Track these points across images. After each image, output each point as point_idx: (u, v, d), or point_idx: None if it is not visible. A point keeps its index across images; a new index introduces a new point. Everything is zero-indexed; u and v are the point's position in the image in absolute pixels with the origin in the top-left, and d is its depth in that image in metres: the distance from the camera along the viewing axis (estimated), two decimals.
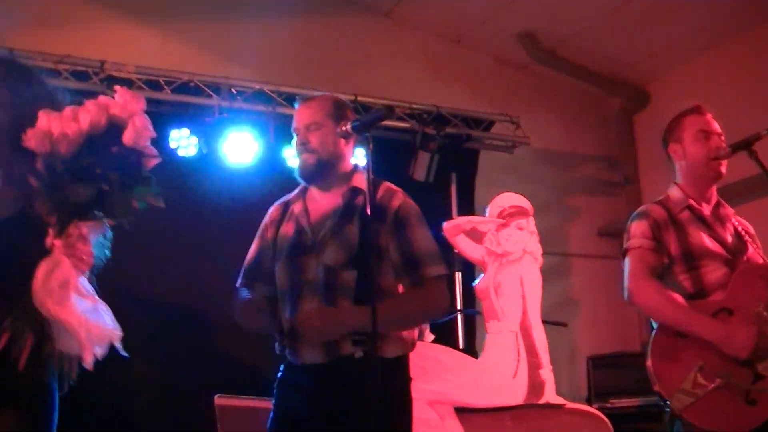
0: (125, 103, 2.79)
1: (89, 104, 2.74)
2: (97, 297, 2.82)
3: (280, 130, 7.49)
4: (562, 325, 7.05)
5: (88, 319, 2.71)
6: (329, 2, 8.69)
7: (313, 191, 3.85)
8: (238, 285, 3.94)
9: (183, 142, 7.33)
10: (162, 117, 7.39)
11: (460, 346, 7.82)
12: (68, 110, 2.73)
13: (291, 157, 7.43)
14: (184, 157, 7.35)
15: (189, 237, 7.41)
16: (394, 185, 3.82)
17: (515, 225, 6.27)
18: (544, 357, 6.20)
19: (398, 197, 3.72)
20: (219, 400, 5.48)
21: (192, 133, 7.35)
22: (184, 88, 7.52)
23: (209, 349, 7.26)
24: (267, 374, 7.10)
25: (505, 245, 6.22)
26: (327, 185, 3.80)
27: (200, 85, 7.54)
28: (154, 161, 2.85)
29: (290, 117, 7.58)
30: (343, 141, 3.78)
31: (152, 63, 7.57)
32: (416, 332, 6.13)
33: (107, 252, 2.89)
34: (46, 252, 2.71)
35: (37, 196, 2.76)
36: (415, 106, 8.14)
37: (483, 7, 8.64)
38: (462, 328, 8.14)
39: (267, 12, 8.40)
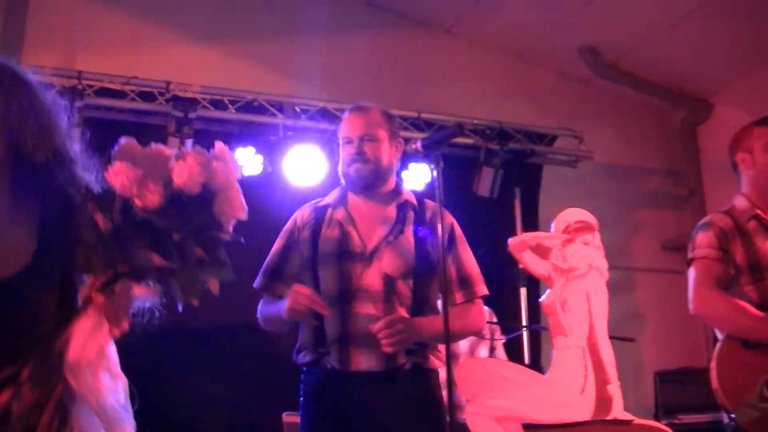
0: (227, 168, 2.44)
1: (190, 156, 2.39)
2: (119, 370, 2.42)
3: None
4: (630, 341, 6.99)
5: (113, 402, 2.32)
6: (390, 20, 8.73)
7: (356, 200, 3.92)
8: (256, 285, 3.98)
9: (248, 160, 7.38)
10: (227, 136, 7.48)
11: (526, 362, 7.78)
12: (161, 152, 2.40)
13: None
14: (248, 176, 7.38)
15: (255, 255, 7.45)
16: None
17: (581, 240, 6.24)
18: (612, 372, 6.14)
19: (449, 216, 3.88)
20: (287, 417, 5.51)
21: (257, 151, 7.41)
22: (248, 107, 7.60)
23: (277, 366, 7.29)
24: None
25: (571, 261, 6.19)
26: (376, 196, 3.88)
27: (264, 103, 7.62)
28: (225, 237, 2.47)
29: None
30: (394, 154, 3.90)
31: (217, 82, 7.67)
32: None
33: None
34: (68, 309, 2.38)
35: (78, 240, 2.37)
36: (477, 121, 8.14)
37: (544, 22, 8.62)
38: (528, 344, 8.11)
39: (329, 31, 8.47)
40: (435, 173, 3.63)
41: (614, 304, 6.43)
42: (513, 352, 7.26)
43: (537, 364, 7.78)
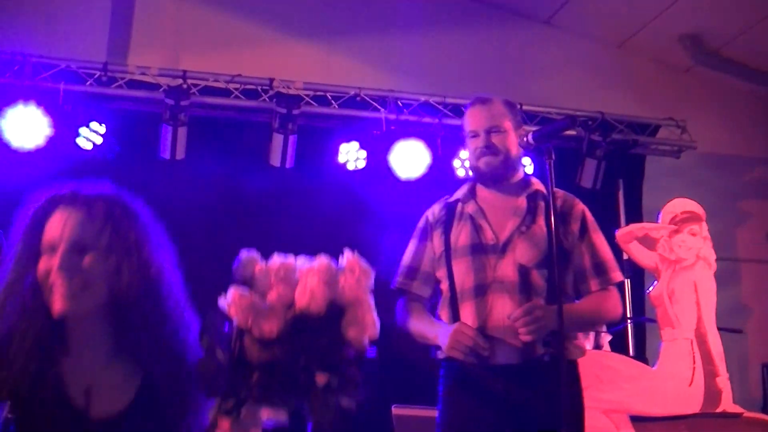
0: (356, 280, 2.17)
1: (314, 273, 2.14)
2: None
3: (447, 141, 7.56)
4: (738, 332, 6.92)
5: None
6: (490, 12, 8.73)
7: (485, 192, 3.91)
8: (393, 286, 3.98)
9: (352, 155, 7.47)
10: (330, 131, 7.58)
11: (631, 354, 7.73)
12: (281, 270, 2.15)
13: (459, 167, 7.52)
14: (353, 170, 7.50)
15: (361, 249, 7.53)
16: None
17: (688, 231, 6.21)
18: (721, 365, 6.10)
19: (579, 204, 3.87)
20: (397, 410, 5.55)
21: (360, 146, 7.48)
22: (351, 102, 7.68)
23: (386, 358, 7.37)
24: None
25: (678, 251, 6.17)
26: (505, 187, 3.87)
27: (367, 98, 7.68)
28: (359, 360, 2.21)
29: (457, 128, 7.71)
30: (518, 143, 3.87)
31: (319, 78, 7.77)
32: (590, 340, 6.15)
33: None
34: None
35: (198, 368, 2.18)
36: (579, 113, 8.10)
37: (644, 11, 8.53)
38: (632, 336, 8.06)
39: (429, 24, 8.51)
40: (548, 165, 3.64)
41: (719, 295, 6.39)
42: (618, 344, 7.23)
43: (642, 357, 7.72)
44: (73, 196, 2.35)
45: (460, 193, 3.97)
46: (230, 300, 2.09)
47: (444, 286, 3.83)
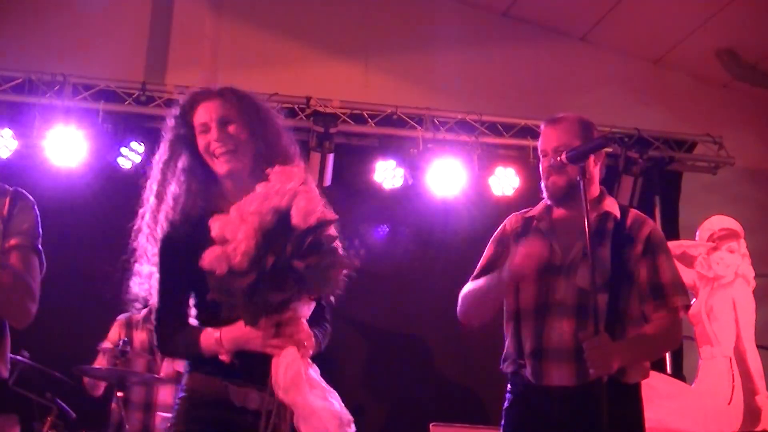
0: (281, 187, 2.77)
1: (248, 203, 2.75)
2: (325, 385, 2.88)
3: (484, 159, 7.57)
4: None
5: (321, 407, 2.76)
6: (526, 30, 8.75)
7: (559, 211, 3.85)
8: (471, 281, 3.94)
9: (389, 173, 7.49)
10: (367, 149, 7.61)
11: (668, 372, 7.68)
12: (234, 212, 2.75)
13: (496, 184, 7.52)
14: (390, 189, 7.52)
15: (398, 267, 7.56)
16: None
17: (726, 248, 6.17)
18: (760, 383, 6.05)
19: (648, 224, 3.75)
20: (435, 428, 5.57)
21: (398, 164, 7.49)
22: (387, 120, 7.72)
23: (424, 376, 7.38)
24: (482, 401, 7.21)
25: (716, 269, 6.13)
26: (574, 204, 3.73)
27: (403, 116, 7.72)
28: (332, 228, 2.87)
29: (493, 146, 7.72)
30: (592, 163, 3.78)
31: (356, 97, 7.83)
32: None
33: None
34: None
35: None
36: (616, 129, 8.08)
37: (679, 27, 8.51)
38: (670, 354, 8.00)
39: (465, 42, 8.55)
40: (581, 184, 3.59)
41: (759, 312, 6.33)
42: (656, 362, 7.18)
43: (680, 374, 7.67)
44: (206, 91, 3.22)
45: (536, 209, 3.93)
46: (204, 258, 2.69)
47: (509, 300, 3.82)
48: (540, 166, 3.89)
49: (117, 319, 6.28)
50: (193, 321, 3.01)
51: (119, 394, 5.60)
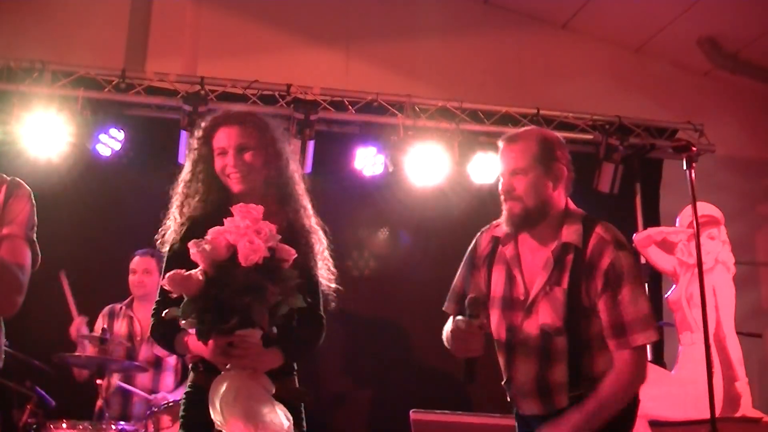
0: (236, 226, 3.05)
1: (210, 234, 3.07)
2: (273, 402, 3.13)
3: (464, 146, 7.57)
4: (757, 336, 6.89)
5: (257, 424, 3.03)
6: (507, 17, 8.75)
7: (524, 234, 3.63)
8: (444, 309, 3.88)
9: (369, 160, 7.49)
10: (348, 137, 7.61)
11: (649, 359, 7.70)
12: (203, 243, 3.05)
13: (476, 172, 7.53)
14: (371, 176, 7.52)
15: (378, 254, 7.57)
16: (606, 226, 3.53)
17: (707, 234, 6.19)
18: (740, 369, 6.08)
19: (609, 251, 3.44)
20: (415, 414, 5.56)
21: (378, 151, 7.50)
22: (368, 107, 7.70)
23: (405, 364, 7.38)
24: (464, 388, 7.22)
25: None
26: (537, 234, 3.57)
27: (384, 104, 7.70)
28: (288, 262, 3.13)
29: (474, 133, 7.72)
30: (551, 186, 3.52)
31: (336, 84, 7.80)
32: None
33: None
34: None
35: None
36: (597, 117, 8.09)
37: (661, 15, 8.52)
38: None
39: (446, 30, 8.54)
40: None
41: (739, 299, 6.37)
42: None
43: (660, 361, 7.69)
44: (227, 116, 3.59)
45: (502, 229, 3.67)
46: (166, 281, 3.04)
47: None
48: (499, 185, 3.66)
49: (102, 312, 6.34)
50: None
51: (98, 382, 5.59)
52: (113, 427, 5.46)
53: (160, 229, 3.64)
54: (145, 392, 5.98)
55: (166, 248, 3.58)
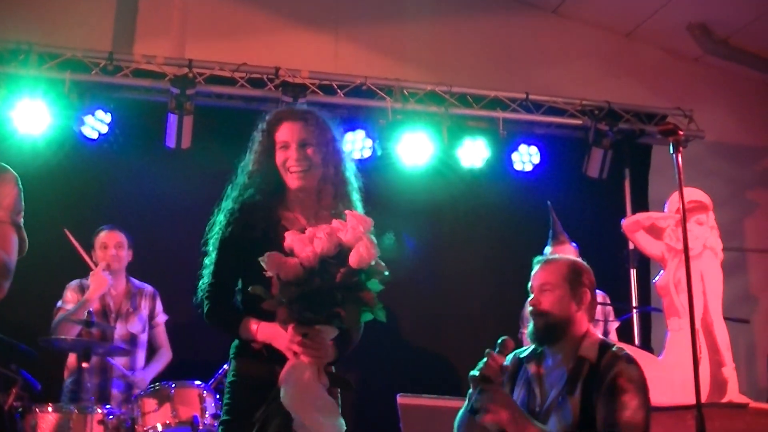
0: (354, 228, 3.17)
1: (322, 230, 3.16)
2: (331, 401, 3.28)
3: (453, 130, 7.56)
4: (744, 322, 6.90)
5: (319, 417, 3.19)
6: (497, 1, 8.72)
7: (548, 351, 3.85)
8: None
9: (358, 144, 7.48)
10: (336, 120, 7.57)
11: (636, 344, 7.72)
12: (307, 235, 3.17)
13: (465, 156, 7.54)
14: (359, 159, 7.46)
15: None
16: (620, 348, 3.74)
17: (695, 220, 6.18)
18: (727, 355, 6.08)
19: (619, 363, 3.64)
20: (402, 399, 5.55)
21: (366, 135, 7.49)
22: (357, 91, 7.68)
23: (392, 347, 7.37)
24: (452, 372, 7.23)
25: None
26: (558, 349, 3.79)
27: (373, 87, 7.68)
28: (382, 275, 3.22)
29: (463, 117, 7.71)
30: (575, 306, 3.77)
31: (325, 68, 7.79)
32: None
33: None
34: None
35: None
36: (586, 102, 8.09)
37: (652, 0, 8.49)
38: (638, 326, 8.05)
39: (436, 14, 8.50)
40: None
41: (727, 285, 6.36)
42: (623, 333, 7.22)
43: (647, 346, 7.71)
44: (291, 111, 3.73)
45: (528, 350, 3.94)
46: (267, 262, 3.13)
47: None
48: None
49: (69, 284, 6.28)
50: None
51: (84, 365, 5.57)
52: (99, 410, 5.44)
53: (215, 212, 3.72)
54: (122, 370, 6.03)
55: (216, 230, 3.64)
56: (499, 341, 3.60)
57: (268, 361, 3.35)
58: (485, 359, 3.56)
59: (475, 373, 3.57)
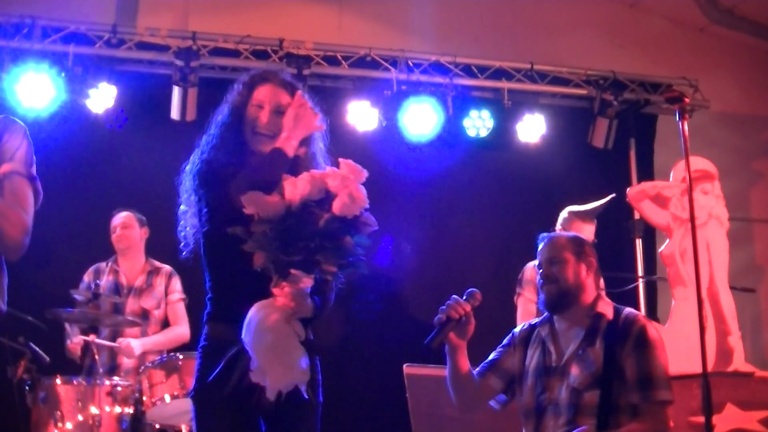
0: (344, 177, 3.10)
1: (308, 174, 3.12)
2: (299, 346, 3.16)
3: (458, 101, 7.56)
4: (750, 292, 6.90)
5: (281, 362, 3.11)
6: None
7: (560, 320, 4.05)
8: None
9: (363, 115, 7.49)
10: (341, 91, 7.58)
11: (642, 313, 7.72)
12: (290, 179, 3.12)
13: (470, 126, 7.54)
14: (364, 130, 7.51)
15: (371, 209, 7.54)
16: (634, 310, 4.03)
17: (700, 189, 6.16)
18: (732, 324, 6.07)
19: (640, 320, 3.90)
20: (408, 368, 5.56)
21: (371, 106, 7.48)
22: (361, 62, 7.68)
23: (399, 317, 7.39)
24: None
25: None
26: (571, 314, 3.98)
27: (377, 58, 7.67)
28: (369, 228, 3.15)
29: (468, 87, 7.70)
30: (584, 270, 3.99)
31: (329, 39, 7.77)
32: None
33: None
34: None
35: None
36: (591, 72, 8.07)
37: None
38: (644, 295, 8.06)
39: None
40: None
41: (732, 255, 6.34)
42: (629, 303, 7.21)
43: (653, 316, 7.73)
44: (278, 77, 3.61)
45: (541, 318, 4.17)
46: (246, 200, 3.07)
47: (519, 401, 4.07)
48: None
49: (87, 271, 6.35)
50: None
51: (92, 336, 5.60)
52: (107, 382, 5.47)
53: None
54: None
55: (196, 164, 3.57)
56: (468, 291, 3.86)
57: (239, 325, 3.20)
58: (450, 302, 3.82)
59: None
